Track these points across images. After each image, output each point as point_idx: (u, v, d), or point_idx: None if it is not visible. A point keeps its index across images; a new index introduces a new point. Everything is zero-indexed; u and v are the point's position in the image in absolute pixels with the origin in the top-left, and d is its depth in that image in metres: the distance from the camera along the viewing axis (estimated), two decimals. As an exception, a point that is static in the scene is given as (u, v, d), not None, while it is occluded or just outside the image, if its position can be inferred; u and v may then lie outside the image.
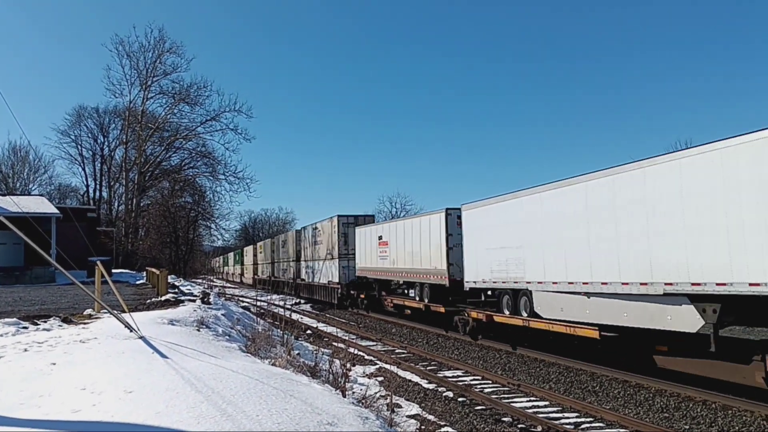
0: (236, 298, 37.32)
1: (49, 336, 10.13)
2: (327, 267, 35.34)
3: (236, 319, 16.59)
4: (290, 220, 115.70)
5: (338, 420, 5.65)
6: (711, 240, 10.43)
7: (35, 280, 31.90)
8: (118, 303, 12.09)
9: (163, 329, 10.91)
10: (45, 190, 65.69)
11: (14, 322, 11.50)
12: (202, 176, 56.48)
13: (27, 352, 8.72)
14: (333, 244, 34.14)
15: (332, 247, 34.33)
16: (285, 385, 6.86)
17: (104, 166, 67.18)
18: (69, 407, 5.75)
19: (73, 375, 7.06)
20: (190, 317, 13.09)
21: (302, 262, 42.67)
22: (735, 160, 10.16)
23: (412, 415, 10.70)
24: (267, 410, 5.56)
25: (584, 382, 13.04)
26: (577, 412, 10.73)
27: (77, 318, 13.18)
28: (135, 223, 54.66)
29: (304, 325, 24.37)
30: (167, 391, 6.09)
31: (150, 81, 52.71)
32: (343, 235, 33.29)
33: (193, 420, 5.17)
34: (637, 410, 10.79)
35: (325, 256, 35.65)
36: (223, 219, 57.08)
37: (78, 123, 65.03)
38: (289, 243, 45.77)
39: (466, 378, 13.91)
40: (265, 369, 8.13)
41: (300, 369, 9.72)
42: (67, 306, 16.77)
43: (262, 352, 11.44)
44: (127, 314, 10.66)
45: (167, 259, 52.53)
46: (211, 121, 53.08)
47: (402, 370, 14.92)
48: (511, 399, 11.79)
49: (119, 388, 6.29)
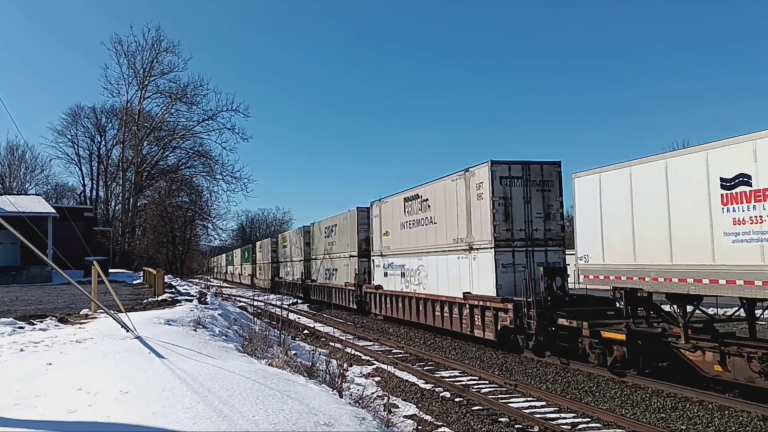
0: (233, 298, 37.29)
1: (45, 336, 10.10)
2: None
3: (233, 319, 16.56)
4: (287, 220, 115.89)
5: (335, 420, 5.64)
6: None
7: (32, 279, 31.84)
8: (114, 303, 12.06)
9: (159, 329, 10.89)
10: (42, 190, 65.68)
11: (10, 322, 11.47)
12: (199, 176, 56.46)
13: (23, 352, 8.70)
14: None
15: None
16: (282, 385, 6.85)
17: (101, 165, 67.20)
18: (65, 407, 5.73)
19: (69, 375, 7.03)
20: (187, 317, 13.07)
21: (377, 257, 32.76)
22: None
23: (409, 415, 10.69)
24: (263, 411, 5.55)
25: (581, 382, 13.05)
26: (574, 413, 10.73)
27: (74, 318, 13.15)
28: (132, 223, 54.54)
29: (302, 325, 24.36)
30: (163, 392, 6.07)
31: (147, 80, 52.69)
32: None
33: (190, 420, 5.16)
34: (634, 411, 10.80)
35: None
36: (220, 219, 56.96)
37: (74, 122, 65.12)
38: (343, 232, 32.47)
39: (463, 378, 13.91)
40: (261, 369, 8.12)
41: (297, 369, 9.71)
42: (64, 306, 16.74)
43: (259, 353, 11.43)
44: (124, 314, 10.64)
45: (164, 258, 52.42)
46: (208, 120, 53.11)
47: (399, 370, 14.91)
48: (508, 399, 11.79)
49: (115, 389, 6.28)
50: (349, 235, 30.37)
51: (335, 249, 33.21)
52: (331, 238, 34.11)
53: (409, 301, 23.21)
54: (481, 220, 17.45)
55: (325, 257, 35.40)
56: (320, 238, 36.74)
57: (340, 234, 32.20)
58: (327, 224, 35.26)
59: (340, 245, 32.23)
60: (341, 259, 31.90)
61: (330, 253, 34.15)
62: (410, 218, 23.26)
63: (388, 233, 25.57)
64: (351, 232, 30.19)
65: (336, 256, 33.06)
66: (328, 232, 34.72)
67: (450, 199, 19.56)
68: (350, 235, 30.28)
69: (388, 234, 25.65)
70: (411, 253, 23.12)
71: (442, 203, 20.26)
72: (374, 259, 27.37)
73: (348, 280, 30.66)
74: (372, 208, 27.63)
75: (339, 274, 32.40)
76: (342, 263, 31.73)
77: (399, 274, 24.16)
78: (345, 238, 31.28)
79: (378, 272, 26.85)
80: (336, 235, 33.08)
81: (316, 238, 37.80)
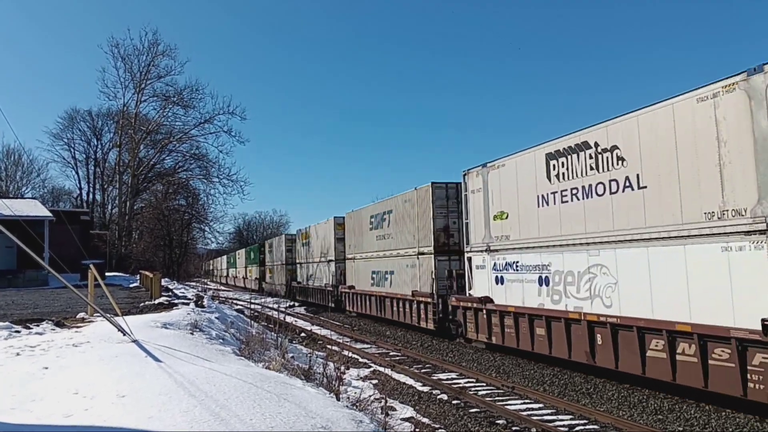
0: (230, 301, 37.25)
1: (41, 340, 10.07)
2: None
3: (230, 322, 16.53)
4: (284, 223, 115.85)
5: (332, 423, 5.64)
6: None
7: (28, 283, 31.75)
8: (111, 306, 12.04)
9: (156, 333, 10.87)
10: (38, 193, 65.60)
11: (6, 326, 11.43)
12: (195, 179, 56.54)
13: (19, 356, 8.67)
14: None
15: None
16: (279, 388, 6.85)
17: (97, 169, 67.21)
18: (61, 411, 5.72)
19: (65, 379, 7.02)
20: (184, 320, 13.04)
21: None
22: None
23: (407, 418, 10.68)
24: (260, 414, 5.55)
25: (578, 384, 13.06)
26: (571, 414, 10.74)
27: (70, 322, 13.11)
28: (128, 226, 54.48)
29: (299, 328, 24.33)
30: (160, 395, 6.06)
31: (144, 84, 52.75)
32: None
33: (187, 424, 5.15)
34: (631, 412, 10.81)
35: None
36: (216, 222, 57.12)
37: (71, 126, 65.19)
38: (404, 220, 24.22)
39: (461, 380, 13.91)
40: (258, 372, 8.11)
41: (294, 372, 9.70)
42: (60, 309, 16.69)
43: (256, 356, 11.41)
44: (121, 318, 10.62)
45: (161, 262, 52.45)
46: (205, 123, 53.22)
47: (396, 373, 14.92)
48: (506, 401, 11.79)
49: (112, 392, 6.26)
50: (418, 222, 22.23)
51: (392, 245, 25.08)
52: (382, 230, 26.28)
53: (595, 333, 12.98)
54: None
55: (372, 256, 27.53)
56: (362, 231, 29.16)
57: (399, 223, 24.35)
58: (375, 211, 27.29)
59: (400, 239, 24.15)
60: (403, 257, 23.61)
61: (382, 251, 26.19)
62: (565, 186, 14.12)
63: (505, 215, 16.61)
64: (422, 218, 21.94)
65: (392, 254, 24.98)
66: (378, 222, 26.82)
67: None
68: (420, 224, 22.10)
69: (504, 217, 16.70)
70: (570, 245, 13.87)
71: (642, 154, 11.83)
72: (472, 256, 18.45)
73: (418, 287, 22.00)
74: (467, 180, 18.79)
75: (398, 279, 24.19)
76: (403, 264, 23.68)
77: (536, 280, 15.11)
78: (408, 227, 23.34)
79: (481, 277, 17.76)
80: (392, 225, 25.20)
81: (356, 231, 30.20)
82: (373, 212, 27.65)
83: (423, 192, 21.84)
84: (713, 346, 10.05)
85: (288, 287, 45.08)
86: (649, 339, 11.39)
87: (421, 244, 21.90)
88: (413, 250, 22.64)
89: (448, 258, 20.84)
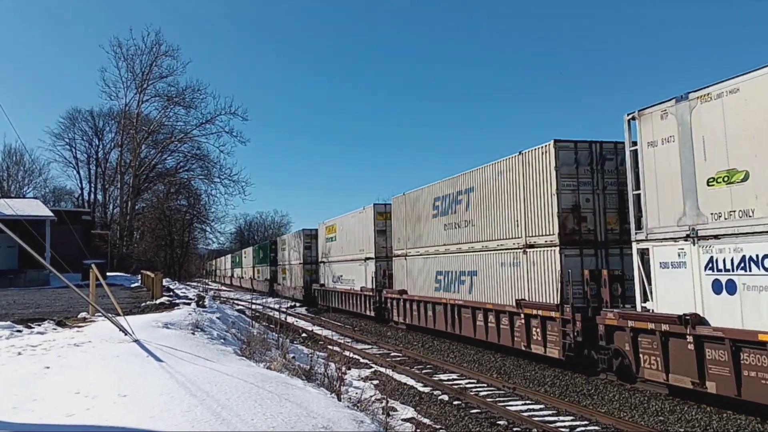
0: (231, 301, 37.27)
1: (43, 339, 10.08)
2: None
3: (231, 322, 16.55)
4: (285, 223, 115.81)
5: (333, 424, 5.64)
6: None
7: (29, 283, 31.80)
8: (112, 306, 12.05)
9: (157, 332, 10.87)
10: (40, 193, 65.69)
11: (8, 326, 11.44)
12: (197, 179, 56.56)
13: (21, 355, 8.68)
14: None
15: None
16: (280, 388, 6.85)
17: (99, 168, 67.35)
18: (63, 411, 5.72)
19: (67, 379, 7.03)
20: (185, 320, 13.05)
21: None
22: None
23: (408, 418, 10.68)
24: (262, 414, 5.55)
25: (579, 385, 13.05)
26: (572, 416, 10.73)
27: (71, 321, 13.12)
28: (130, 226, 54.54)
29: (300, 328, 24.34)
30: (162, 395, 6.07)
31: (146, 84, 52.75)
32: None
33: (188, 424, 5.16)
34: (633, 413, 10.80)
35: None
36: (218, 222, 57.09)
37: (72, 126, 65.33)
38: (496, 197, 17.73)
39: (462, 381, 13.91)
40: (260, 372, 8.11)
41: (295, 372, 9.70)
42: (62, 309, 16.71)
43: (257, 356, 11.41)
44: (122, 317, 10.63)
45: (162, 262, 52.48)
46: (207, 123, 53.20)
47: (397, 374, 14.91)
48: (507, 402, 11.78)
49: (113, 392, 6.27)
50: (528, 201, 15.74)
51: (473, 234, 18.62)
52: (455, 216, 19.94)
53: None
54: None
55: (438, 251, 21.11)
56: (419, 218, 22.92)
57: (488, 204, 17.80)
58: (445, 191, 20.89)
59: (491, 226, 17.60)
60: (498, 252, 17.14)
61: (455, 244, 19.82)
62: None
63: (741, 176, 10.12)
64: (534, 194, 15.49)
65: (474, 249, 18.59)
66: (449, 206, 20.46)
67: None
68: (530, 203, 15.63)
69: (736, 178, 10.18)
70: None
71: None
72: (651, 248, 11.88)
73: (526, 294, 15.73)
74: (640, 127, 12.28)
75: (487, 283, 17.75)
76: (496, 261, 17.29)
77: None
78: (505, 211, 16.89)
79: (675, 281, 11.26)
80: (470, 208, 18.86)
81: (409, 219, 23.91)
82: (441, 192, 21.16)
83: (539, 155, 15.21)
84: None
85: (307, 290, 39.08)
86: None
87: (547, 231, 14.89)
88: (517, 242, 16.18)
89: (579, 252, 14.45)
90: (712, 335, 10.31)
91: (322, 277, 36.84)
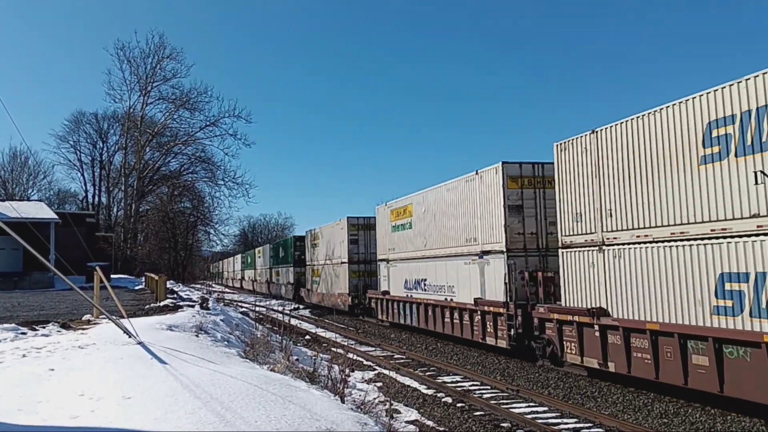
0: (235, 304, 37.32)
1: (47, 341, 10.12)
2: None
3: (235, 324, 16.57)
4: (289, 225, 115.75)
5: (337, 426, 5.65)
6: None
7: (34, 285, 31.92)
8: (116, 308, 12.09)
9: (161, 335, 10.90)
10: (44, 196, 65.93)
11: (13, 328, 11.50)
12: (201, 181, 56.66)
13: (25, 357, 8.71)
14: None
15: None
16: (284, 390, 6.86)
17: (103, 171, 67.56)
18: (67, 413, 5.74)
19: (71, 381, 7.05)
20: (189, 323, 13.08)
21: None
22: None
23: (411, 420, 10.67)
24: (266, 416, 5.56)
25: (583, 387, 13.03)
26: (576, 418, 10.71)
27: (76, 323, 13.17)
28: (134, 229, 54.70)
29: (303, 331, 24.34)
30: (166, 397, 6.09)
31: (150, 86, 52.97)
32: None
33: (192, 426, 5.17)
34: (636, 416, 10.77)
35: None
36: (222, 224, 57.11)
37: (76, 129, 65.62)
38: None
39: (465, 383, 13.89)
40: (263, 374, 8.12)
41: (299, 374, 9.71)
42: (66, 311, 16.77)
43: (261, 358, 11.43)
44: (126, 320, 10.66)
45: (166, 264, 52.56)
46: (211, 126, 53.34)
47: (401, 376, 14.90)
48: (510, 404, 11.77)
49: (118, 394, 6.29)
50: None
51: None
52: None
53: None
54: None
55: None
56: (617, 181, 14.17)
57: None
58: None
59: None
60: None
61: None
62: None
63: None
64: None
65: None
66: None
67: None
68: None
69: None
70: None
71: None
72: None
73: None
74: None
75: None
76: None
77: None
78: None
79: None
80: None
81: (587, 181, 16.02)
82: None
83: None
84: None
85: (356, 298, 30.56)
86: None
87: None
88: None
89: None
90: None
91: (384, 282, 26.91)
